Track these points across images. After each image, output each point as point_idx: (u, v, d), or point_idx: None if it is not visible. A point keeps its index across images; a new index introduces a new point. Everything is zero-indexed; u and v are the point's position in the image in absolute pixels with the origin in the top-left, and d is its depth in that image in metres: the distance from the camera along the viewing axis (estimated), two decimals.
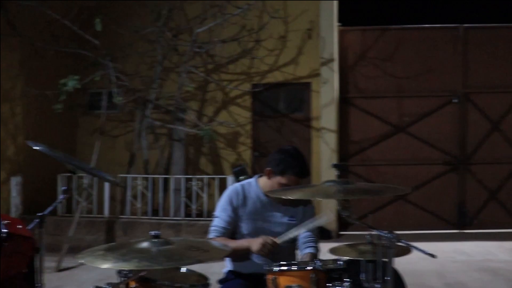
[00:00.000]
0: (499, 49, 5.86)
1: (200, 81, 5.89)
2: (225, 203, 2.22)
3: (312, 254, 2.28)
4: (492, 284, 4.04)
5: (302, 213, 2.27)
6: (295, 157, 2.16)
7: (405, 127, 5.82)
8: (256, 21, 5.75)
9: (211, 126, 5.58)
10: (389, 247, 1.61)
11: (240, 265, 2.23)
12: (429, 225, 5.86)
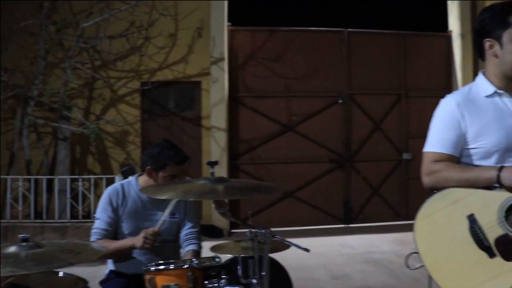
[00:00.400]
0: (380, 54, 8.87)
1: (87, 78, 8.13)
2: (105, 204, 3.01)
3: (194, 251, 3.08)
4: (375, 274, 5.82)
5: (183, 209, 3.14)
6: (170, 147, 3.01)
7: (294, 126, 8.58)
8: (145, 17, 8.18)
9: (98, 125, 7.84)
10: (265, 243, 2.22)
11: (121, 265, 3.02)
12: (317, 220, 8.65)
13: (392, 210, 8.85)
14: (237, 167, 8.49)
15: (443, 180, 2.10)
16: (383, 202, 8.81)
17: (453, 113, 2.15)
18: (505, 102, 2.15)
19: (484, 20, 2.14)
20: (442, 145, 2.16)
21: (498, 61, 2.13)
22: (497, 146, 2.09)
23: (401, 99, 8.96)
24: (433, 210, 2.10)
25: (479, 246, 2.00)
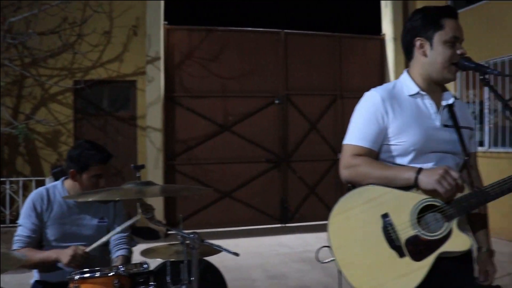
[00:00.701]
0: (316, 55, 9.15)
1: (16, 76, 7.91)
2: (29, 210, 2.90)
3: (124, 256, 3.02)
4: (311, 273, 5.90)
5: (113, 212, 3.09)
6: (90, 147, 2.97)
7: (230, 126, 8.70)
8: (78, 14, 8.09)
9: (28, 125, 7.68)
10: (193, 248, 2.20)
11: (47, 275, 2.91)
12: (255, 220, 8.81)
13: (328, 209, 8.75)
14: (174, 168, 8.53)
15: (362, 175, 2.12)
16: (319, 201, 9.06)
17: (377, 107, 2.17)
18: (426, 104, 2.21)
19: (417, 20, 2.20)
20: (363, 139, 2.17)
21: (427, 61, 2.19)
22: (414, 146, 2.14)
23: (337, 99, 9.26)
24: (349, 206, 2.13)
25: (390, 245, 2.06)
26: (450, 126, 2.21)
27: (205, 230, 8.40)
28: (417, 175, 2.02)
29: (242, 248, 7.37)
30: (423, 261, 2.03)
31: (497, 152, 8.02)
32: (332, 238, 2.12)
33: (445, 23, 2.15)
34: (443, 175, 1.97)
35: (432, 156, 2.17)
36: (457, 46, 2.16)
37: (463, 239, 2.04)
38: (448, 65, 2.16)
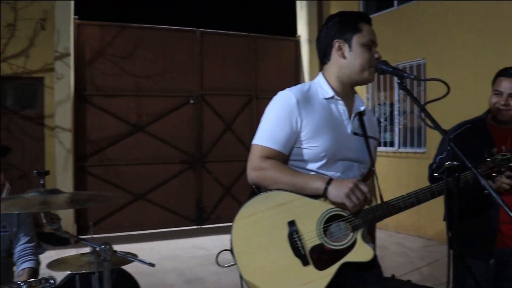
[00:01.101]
0: (232, 55, 9.29)
1: None
2: None
3: (30, 269, 2.86)
4: (228, 276, 5.77)
5: (16, 221, 2.96)
6: None
7: (144, 127, 8.61)
8: None
9: None
10: (105, 259, 2.10)
11: None
12: (170, 223, 8.75)
13: None
14: (85, 170, 8.31)
15: (270, 180, 2.09)
16: (234, 202, 9.13)
17: (291, 109, 2.13)
18: (339, 110, 2.22)
19: (335, 23, 2.21)
20: (273, 141, 2.13)
21: (346, 63, 2.20)
22: (326, 152, 2.14)
23: (252, 100, 9.41)
24: (254, 211, 2.09)
25: (295, 253, 2.06)
26: (360, 135, 2.26)
27: (118, 233, 8.26)
28: (326, 186, 2.03)
29: (157, 251, 7.35)
30: (326, 270, 2.06)
31: (406, 152, 8.59)
32: (235, 243, 2.10)
33: (362, 27, 2.21)
34: (353, 189, 2.00)
35: (341, 164, 2.19)
36: (374, 50, 2.22)
37: (366, 250, 2.10)
38: (368, 67, 2.20)
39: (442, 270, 6.06)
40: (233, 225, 2.10)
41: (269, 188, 2.11)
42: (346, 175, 2.19)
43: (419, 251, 7.21)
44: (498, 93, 2.91)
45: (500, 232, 2.86)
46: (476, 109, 3.78)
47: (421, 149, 8.28)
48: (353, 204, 2.00)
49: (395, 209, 2.12)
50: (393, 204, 2.12)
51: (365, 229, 2.12)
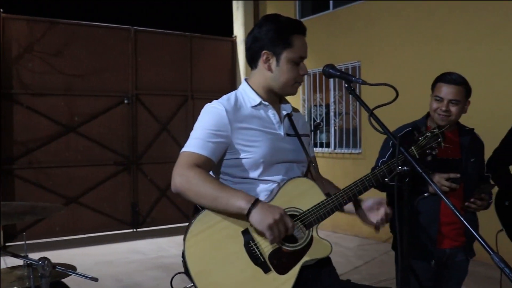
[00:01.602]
0: (167, 54, 9.16)
1: None
2: None
3: None
4: (166, 281, 5.37)
5: None
6: None
7: (76, 127, 8.28)
8: None
9: None
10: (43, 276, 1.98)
11: None
12: (104, 227, 8.50)
13: (180, 211, 9.19)
14: (12, 173, 7.88)
15: (193, 191, 1.99)
16: (171, 204, 9.03)
17: (222, 119, 2.10)
18: (269, 115, 2.22)
19: (267, 32, 2.16)
20: (202, 147, 2.05)
21: (271, 76, 2.19)
22: (263, 158, 2.12)
23: (188, 100, 9.32)
24: (205, 226, 2.01)
25: (254, 262, 2.00)
26: (293, 135, 2.27)
27: (50, 239, 7.98)
28: (251, 208, 1.93)
29: (91, 257, 7.13)
30: (288, 274, 2.04)
31: (342, 153, 8.77)
32: (190, 264, 1.98)
33: (294, 41, 2.16)
34: (277, 222, 1.92)
35: (280, 167, 2.19)
36: (301, 66, 2.20)
37: (324, 245, 2.11)
38: (292, 84, 2.21)
39: (379, 268, 6.25)
40: (185, 245, 1.99)
41: (191, 199, 2.01)
42: (288, 175, 2.19)
43: (356, 250, 7.39)
44: (438, 99, 2.96)
45: (440, 233, 2.97)
46: (410, 111, 3.91)
47: (357, 150, 8.48)
48: (272, 237, 1.93)
49: (345, 200, 2.13)
50: (342, 195, 2.13)
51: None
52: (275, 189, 2.15)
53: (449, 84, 2.94)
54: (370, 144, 8.06)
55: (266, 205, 1.96)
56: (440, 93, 2.96)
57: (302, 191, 2.13)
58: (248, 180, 2.16)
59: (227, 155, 2.15)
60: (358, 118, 8.47)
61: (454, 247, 3.03)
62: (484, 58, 6.47)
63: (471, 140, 3.11)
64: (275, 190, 2.14)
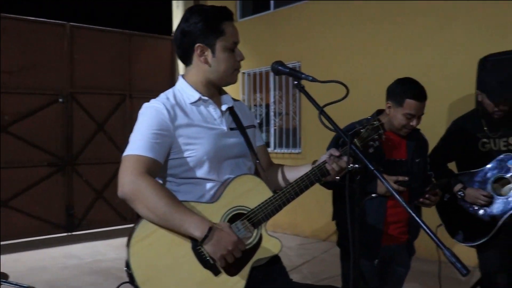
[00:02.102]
0: (104, 52, 8.88)
1: None
2: None
3: None
4: (106, 285, 5.65)
5: None
6: None
7: (7, 127, 7.87)
8: None
9: None
10: None
11: None
12: (37, 231, 8.15)
13: (118, 214, 8.95)
14: None
15: (144, 204, 1.90)
16: (107, 206, 8.79)
17: (163, 118, 2.04)
18: (209, 111, 2.17)
19: (196, 23, 2.10)
20: (149, 149, 1.97)
21: (209, 69, 2.14)
22: (207, 155, 2.08)
23: (125, 99, 9.10)
24: (149, 231, 1.92)
25: (203, 265, 1.95)
26: (236, 129, 2.24)
27: None
28: (204, 239, 1.90)
29: (24, 263, 6.85)
30: (239, 275, 2.00)
31: (282, 152, 8.83)
32: (136, 272, 1.88)
33: (225, 28, 2.13)
34: (232, 251, 1.92)
35: (226, 164, 2.16)
36: (237, 52, 2.18)
37: (274, 243, 2.10)
38: (232, 71, 2.18)
39: (320, 267, 6.32)
40: (129, 253, 1.89)
41: (139, 211, 1.92)
42: (234, 173, 2.15)
43: (297, 249, 7.44)
44: (409, 116, 3.00)
45: (386, 232, 3.06)
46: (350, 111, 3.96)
47: (297, 150, 8.56)
48: (223, 264, 1.94)
49: (292, 195, 2.12)
50: (289, 190, 2.11)
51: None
52: (221, 188, 2.11)
53: (420, 101, 2.99)
54: (310, 144, 8.16)
55: (219, 234, 1.91)
56: (412, 110, 2.98)
57: (248, 188, 2.10)
58: (193, 180, 2.10)
59: (170, 155, 2.08)
60: (298, 118, 8.55)
61: (397, 245, 3.13)
62: (423, 59, 6.68)
63: (417, 140, 3.20)
64: (221, 189, 2.10)
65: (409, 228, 3.14)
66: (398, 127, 3.06)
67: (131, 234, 1.91)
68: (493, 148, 3.55)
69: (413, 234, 3.18)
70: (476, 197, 3.44)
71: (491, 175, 3.49)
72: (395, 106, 3.04)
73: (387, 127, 3.04)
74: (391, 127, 3.08)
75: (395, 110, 3.04)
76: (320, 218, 7.73)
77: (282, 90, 8.76)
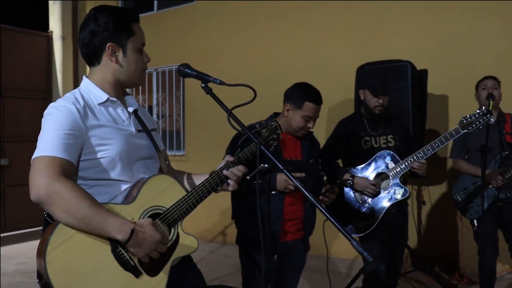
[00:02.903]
0: None
1: None
2: None
3: None
4: None
5: None
6: None
7: None
8: None
9: None
10: None
11: None
12: None
13: None
14: None
15: (62, 210, 1.82)
16: None
17: (74, 118, 1.96)
18: (118, 112, 2.15)
19: (106, 23, 2.06)
20: (62, 149, 1.89)
21: (119, 68, 2.12)
22: (120, 155, 2.05)
23: None
24: (66, 236, 1.85)
25: (124, 267, 1.93)
26: (143, 131, 2.24)
27: None
28: (127, 241, 1.88)
29: None
30: (160, 275, 2.02)
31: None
32: (54, 280, 1.79)
33: (135, 28, 2.14)
34: (152, 251, 1.95)
35: (138, 165, 2.15)
36: (144, 54, 2.19)
37: (191, 240, 2.14)
38: (140, 73, 2.19)
39: (208, 268, 6.30)
40: (45, 262, 1.79)
41: (53, 215, 1.85)
42: (147, 174, 2.15)
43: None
44: (307, 118, 3.18)
45: (283, 229, 3.17)
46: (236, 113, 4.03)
47: (181, 152, 8.52)
48: (147, 261, 1.98)
49: (205, 193, 2.18)
50: (201, 189, 2.17)
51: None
52: (135, 189, 2.08)
53: (318, 105, 3.19)
54: (194, 146, 8.16)
55: (142, 235, 1.91)
56: (310, 113, 3.17)
57: (163, 188, 2.11)
58: (105, 181, 2.05)
59: (82, 156, 2.00)
60: (182, 120, 8.52)
61: (294, 240, 3.25)
62: (304, 65, 6.96)
63: (310, 142, 3.38)
64: (135, 189, 2.08)
65: (304, 225, 3.28)
66: (296, 128, 3.22)
67: (46, 242, 1.81)
68: (374, 146, 3.87)
69: (308, 231, 3.34)
70: (366, 186, 3.70)
71: (372, 170, 3.75)
72: (294, 108, 3.21)
73: (283, 129, 3.18)
74: (288, 128, 3.25)
75: (294, 113, 3.21)
76: (206, 219, 7.75)
77: (165, 92, 8.68)
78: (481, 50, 5.86)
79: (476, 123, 3.52)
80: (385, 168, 3.74)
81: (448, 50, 6.04)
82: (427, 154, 3.63)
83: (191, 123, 8.25)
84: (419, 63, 5.44)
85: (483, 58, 5.81)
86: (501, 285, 5.31)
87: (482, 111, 3.53)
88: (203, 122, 8.05)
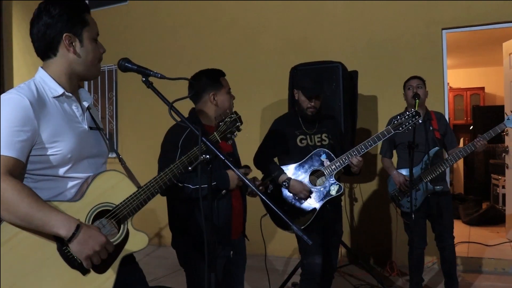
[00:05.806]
0: None
1: None
2: None
3: None
4: None
5: None
6: None
7: None
8: None
9: None
10: None
11: None
12: None
13: None
14: None
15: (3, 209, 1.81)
16: None
17: (27, 112, 1.90)
18: (72, 107, 2.12)
19: (60, 15, 2.04)
20: (11, 148, 1.86)
21: (77, 59, 2.10)
22: (71, 153, 2.03)
23: None
24: (12, 233, 1.83)
25: (71, 265, 1.92)
26: (95, 129, 2.23)
27: None
28: (71, 237, 1.86)
29: None
30: (108, 271, 2.01)
31: None
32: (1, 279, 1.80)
33: (88, 19, 2.13)
34: (98, 252, 1.91)
35: (87, 163, 2.13)
36: (99, 44, 2.19)
37: (141, 237, 2.12)
38: (96, 63, 2.18)
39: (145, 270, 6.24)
40: None
41: None
42: (97, 171, 2.15)
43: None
44: (229, 91, 3.30)
45: (233, 226, 3.17)
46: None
47: (114, 154, 8.38)
48: (90, 266, 1.93)
49: (156, 189, 2.17)
50: (153, 185, 2.16)
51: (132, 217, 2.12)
52: (84, 186, 2.06)
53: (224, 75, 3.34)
54: (127, 148, 8.08)
55: (87, 232, 1.89)
56: (228, 85, 3.32)
57: (112, 184, 2.09)
58: (53, 177, 2.02)
59: (32, 151, 1.95)
60: (114, 122, 8.40)
61: (239, 234, 3.28)
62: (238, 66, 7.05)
63: None
64: (84, 187, 2.06)
65: (243, 217, 3.31)
66: (229, 107, 3.27)
67: None
68: (309, 144, 4.00)
69: (245, 225, 3.36)
70: (299, 190, 3.85)
71: (308, 167, 3.89)
72: (217, 90, 3.24)
73: (211, 121, 3.19)
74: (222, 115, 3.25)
75: (220, 94, 3.24)
76: (141, 222, 7.66)
77: (97, 93, 8.53)
78: (407, 52, 6.17)
79: (406, 123, 3.72)
80: (320, 166, 3.89)
81: (377, 52, 6.32)
82: (360, 152, 3.80)
83: (124, 124, 8.16)
84: (350, 65, 5.66)
85: (409, 60, 6.12)
86: (429, 275, 5.61)
87: (411, 113, 3.73)
88: (136, 123, 7.99)
